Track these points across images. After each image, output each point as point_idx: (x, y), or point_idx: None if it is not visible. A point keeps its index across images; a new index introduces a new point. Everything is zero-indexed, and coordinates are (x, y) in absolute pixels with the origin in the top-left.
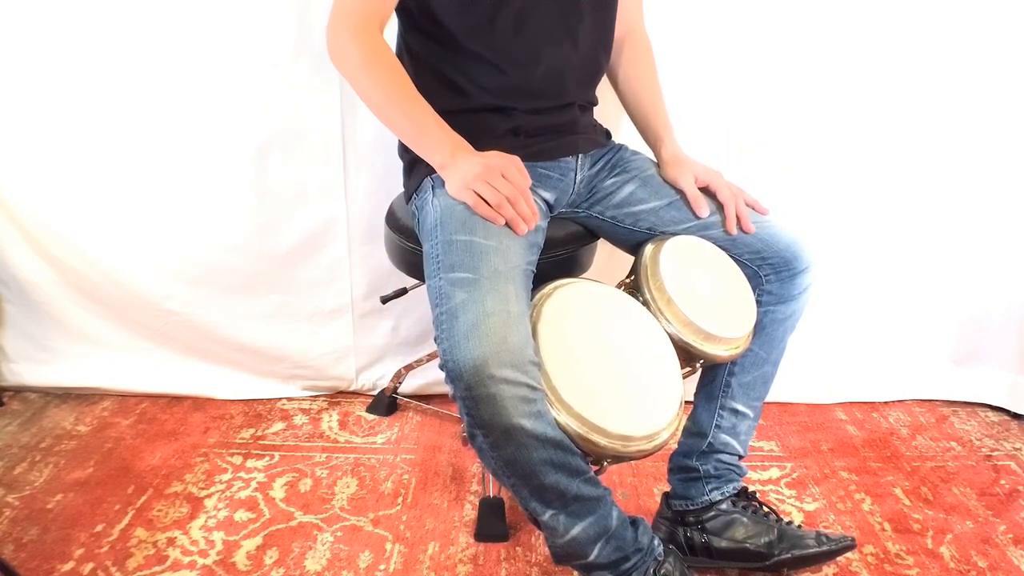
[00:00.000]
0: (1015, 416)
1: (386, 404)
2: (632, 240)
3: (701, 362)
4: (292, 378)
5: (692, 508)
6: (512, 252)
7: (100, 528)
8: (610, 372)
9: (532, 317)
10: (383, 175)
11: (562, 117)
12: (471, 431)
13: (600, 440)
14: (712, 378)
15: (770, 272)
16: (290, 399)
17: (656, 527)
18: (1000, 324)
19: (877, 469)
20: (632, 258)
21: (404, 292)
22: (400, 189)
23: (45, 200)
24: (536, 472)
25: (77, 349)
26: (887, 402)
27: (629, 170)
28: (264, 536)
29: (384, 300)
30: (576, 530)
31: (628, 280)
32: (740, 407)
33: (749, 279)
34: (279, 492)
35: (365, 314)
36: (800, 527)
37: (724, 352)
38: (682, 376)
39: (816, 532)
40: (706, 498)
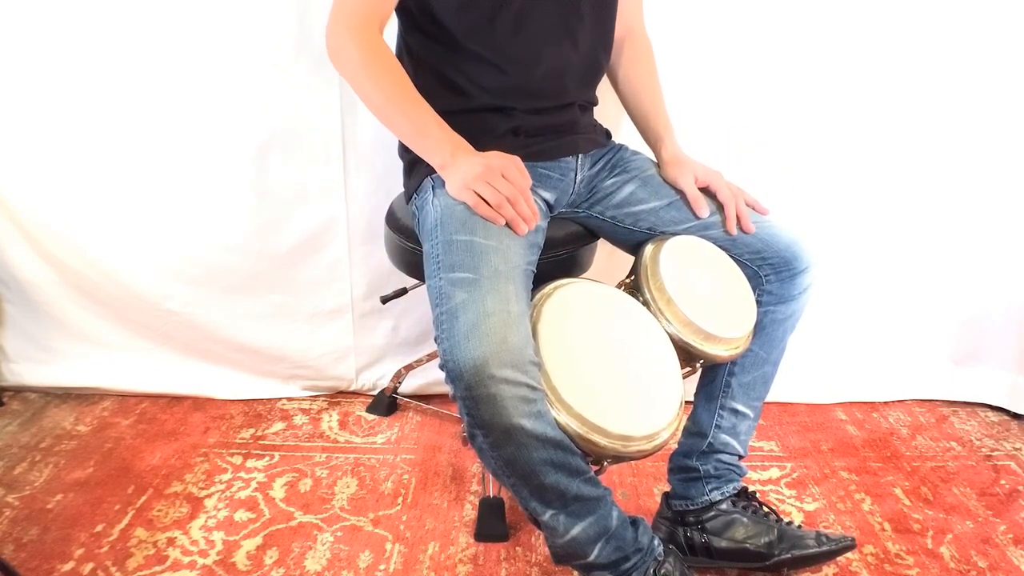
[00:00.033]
0: (1015, 416)
1: (386, 404)
2: (632, 240)
3: (701, 362)
4: (292, 378)
5: (692, 508)
6: (512, 252)
7: (100, 528)
8: (610, 372)
9: (532, 317)
10: (383, 175)
11: (562, 117)
12: (471, 431)
13: (600, 440)
14: (712, 378)
15: (770, 272)
16: (290, 399)
17: (656, 527)
18: (1000, 324)
19: (877, 469)
20: (632, 258)
21: (404, 292)
22: (400, 189)
23: (45, 200)
24: (536, 472)
25: (77, 349)
26: (887, 402)
27: (629, 170)
28: (264, 536)
29: (384, 300)
30: (576, 530)
31: (628, 280)
32: (740, 407)
33: (749, 279)
34: (279, 492)
35: (365, 314)
36: (800, 527)
37: (724, 352)
38: (682, 376)
39: (816, 532)
40: (706, 498)
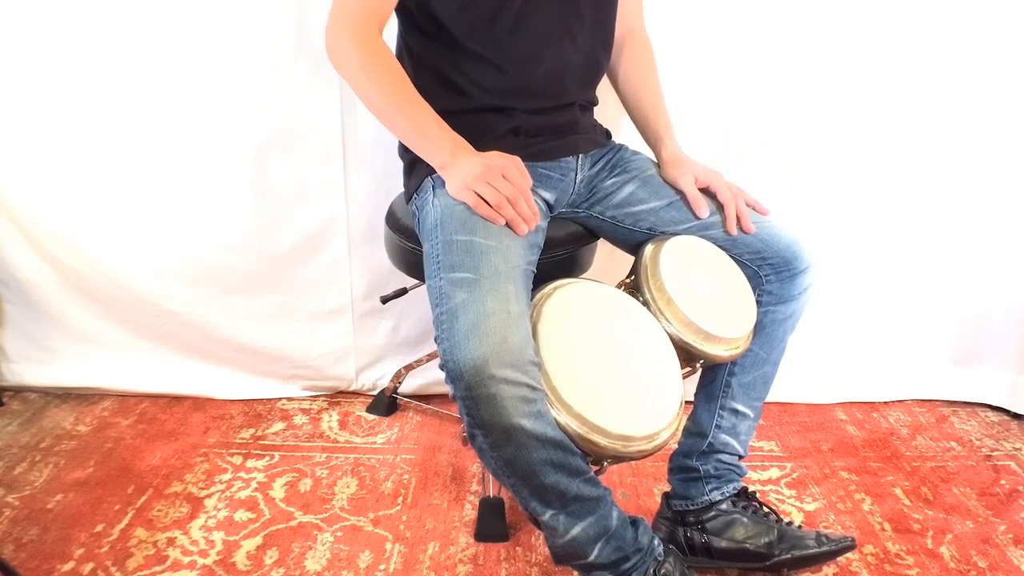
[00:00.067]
0: (1015, 416)
1: (386, 404)
2: (632, 240)
3: (701, 362)
4: (292, 378)
5: (692, 508)
6: (512, 252)
7: (100, 528)
8: (610, 372)
9: (532, 317)
10: (383, 175)
11: (562, 117)
12: (471, 431)
13: (600, 440)
14: (712, 378)
15: (770, 272)
16: (290, 399)
17: (656, 527)
18: (1000, 324)
19: (877, 469)
20: (632, 258)
21: (404, 292)
22: (400, 189)
23: (45, 200)
24: (536, 472)
25: (77, 349)
26: (887, 402)
27: (629, 170)
28: (264, 536)
29: (384, 300)
30: (576, 530)
31: (628, 280)
32: (740, 407)
33: (749, 279)
34: (279, 492)
35: (365, 314)
36: (800, 527)
37: (724, 352)
38: (682, 376)
39: (816, 532)
40: (706, 498)
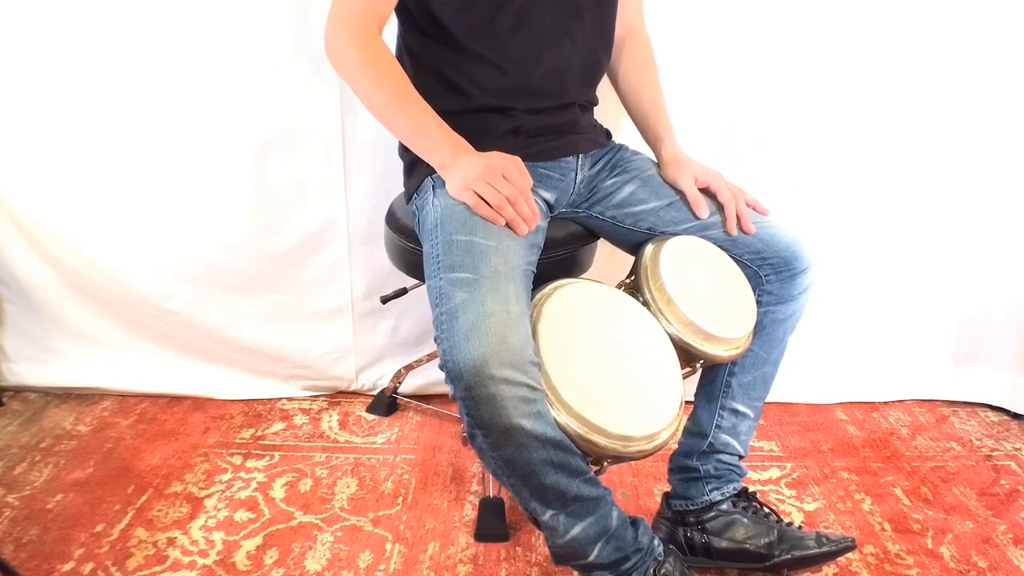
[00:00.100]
0: (1015, 416)
1: (386, 404)
2: (632, 240)
3: (701, 362)
4: (292, 378)
5: (692, 508)
6: (512, 252)
7: (100, 528)
8: (610, 372)
9: (532, 317)
10: (383, 175)
11: (562, 117)
12: (471, 431)
13: (600, 440)
14: (712, 378)
15: (770, 272)
16: (290, 399)
17: (656, 527)
18: (1000, 324)
19: (877, 469)
20: (632, 258)
21: (404, 292)
22: (400, 189)
23: (45, 200)
24: (536, 472)
25: (77, 349)
26: (887, 402)
27: (629, 170)
28: (264, 536)
29: (384, 300)
30: (576, 530)
31: (628, 280)
32: (740, 407)
33: (749, 279)
34: (279, 492)
35: (365, 314)
36: (800, 528)
37: (724, 352)
38: (682, 376)
39: (816, 533)
40: (706, 498)
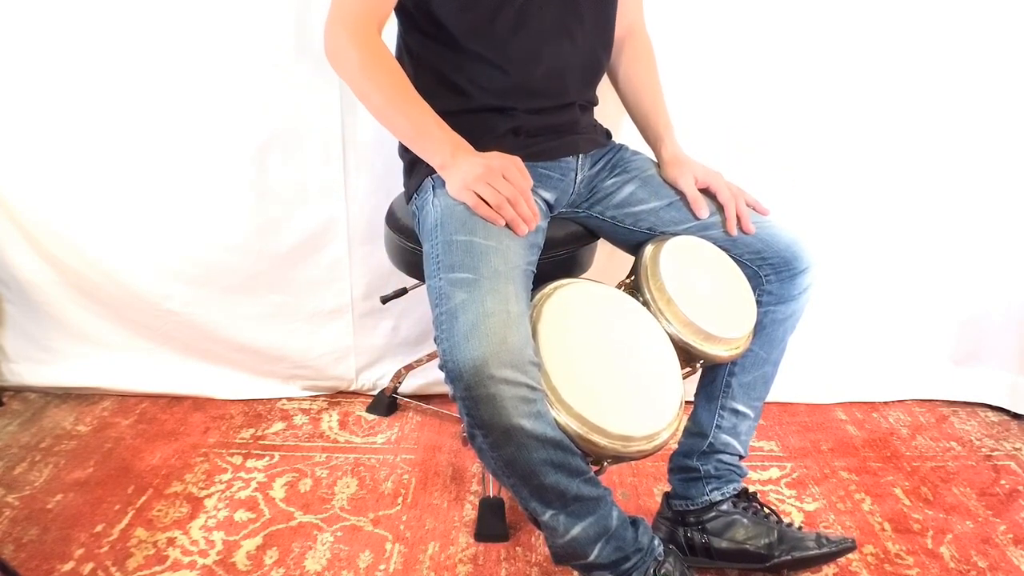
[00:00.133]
0: (1015, 416)
1: (386, 404)
2: (632, 240)
3: (701, 362)
4: (292, 378)
5: (692, 508)
6: (512, 252)
7: (100, 528)
8: (610, 372)
9: (532, 317)
10: (383, 175)
11: (562, 117)
12: (471, 431)
13: (600, 440)
14: (712, 378)
15: (770, 272)
16: (290, 399)
17: (656, 527)
18: (1000, 324)
19: (877, 469)
20: (632, 258)
21: (404, 292)
22: (400, 189)
23: (45, 200)
24: (536, 472)
25: (77, 349)
26: (887, 402)
27: (629, 170)
28: (264, 536)
29: (384, 300)
30: (576, 530)
31: (628, 280)
32: (740, 407)
33: (749, 279)
34: (279, 492)
35: (365, 314)
36: (800, 529)
37: (724, 352)
38: (682, 376)
39: (816, 534)
40: (706, 498)
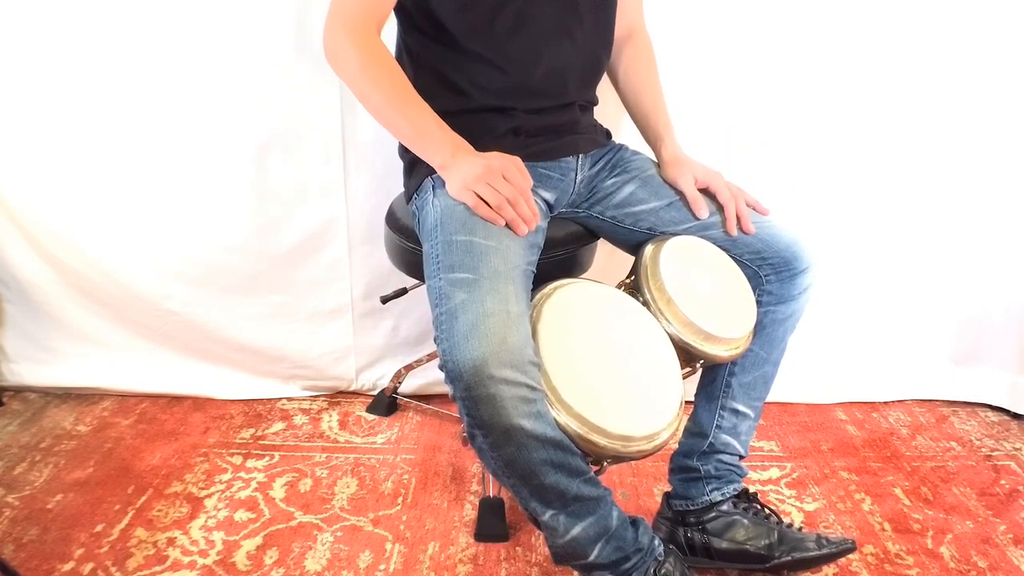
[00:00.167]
0: (1015, 416)
1: (386, 404)
2: (632, 240)
3: (701, 362)
4: (292, 378)
5: (693, 508)
6: (512, 252)
7: (100, 528)
8: (610, 372)
9: (532, 317)
10: (383, 175)
11: (562, 117)
12: (471, 431)
13: (600, 440)
14: (712, 378)
15: (770, 272)
16: (290, 399)
17: (656, 527)
18: (1000, 324)
19: (877, 469)
20: (632, 258)
21: (404, 292)
22: (400, 189)
23: (45, 200)
24: (536, 472)
25: (77, 349)
26: (887, 402)
27: (629, 170)
28: (264, 536)
29: (384, 300)
30: (576, 530)
31: (628, 280)
32: (741, 407)
33: (749, 279)
34: (279, 492)
35: (365, 314)
36: (801, 529)
37: (724, 352)
38: (682, 376)
39: (816, 535)
40: (707, 498)
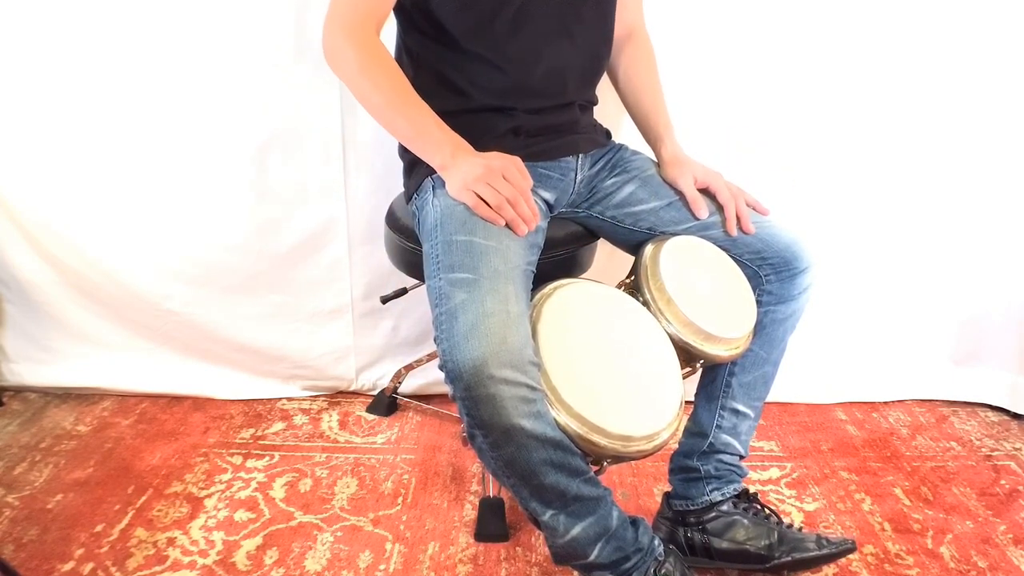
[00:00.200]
0: (1015, 416)
1: (386, 404)
2: (632, 240)
3: (701, 362)
4: (292, 378)
5: (693, 508)
6: (512, 252)
7: (100, 528)
8: (610, 372)
9: (532, 317)
10: (383, 175)
11: (562, 117)
12: (471, 431)
13: (600, 440)
14: (712, 378)
15: (770, 272)
16: (290, 399)
17: (656, 527)
18: (1000, 324)
19: (877, 469)
20: (632, 258)
21: (404, 292)
22: (400, 189)
23: (45, 200)
24: (536, 472)
25: (77, 349)
26: (887, 402)
27: (629, 170)
28: (264, 536)
29: (384, 300)
30: (576, 530)
31: (628, 280)
32: (741, 407)
33: (749, 279)
34: (279, 492)
35: (365, 314)
36: (801, 530)
37: (724, 352)
38: (682, 376)
39: (816, 535)
40: (707, 498)
